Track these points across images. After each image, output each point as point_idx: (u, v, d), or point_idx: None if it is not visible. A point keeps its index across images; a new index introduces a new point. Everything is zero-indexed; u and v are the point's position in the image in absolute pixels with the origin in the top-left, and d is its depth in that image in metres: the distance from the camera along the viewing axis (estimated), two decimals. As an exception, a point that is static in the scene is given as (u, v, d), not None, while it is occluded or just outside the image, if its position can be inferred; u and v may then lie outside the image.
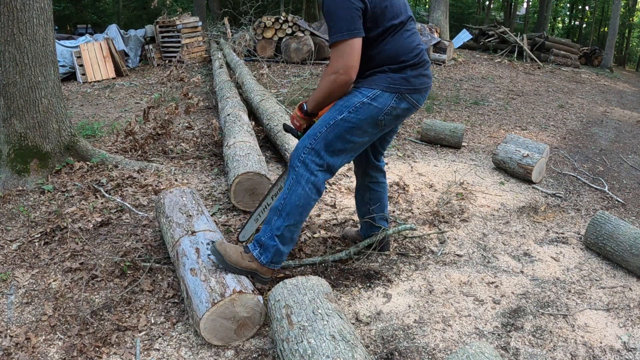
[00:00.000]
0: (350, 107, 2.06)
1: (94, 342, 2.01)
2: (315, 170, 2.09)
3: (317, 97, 2.10)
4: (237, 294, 1.92)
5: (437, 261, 2.77)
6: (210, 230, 2.42)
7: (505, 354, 2.04)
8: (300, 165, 2.09)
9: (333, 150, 2.10)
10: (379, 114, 2.07)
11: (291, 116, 2.31)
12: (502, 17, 31.19)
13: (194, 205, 2.66)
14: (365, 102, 2.05)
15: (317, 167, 2.09)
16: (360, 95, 2.07)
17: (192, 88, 7.61)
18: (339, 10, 1.92)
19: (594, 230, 2.92)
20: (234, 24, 13.43)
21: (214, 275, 2.03)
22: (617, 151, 5.56)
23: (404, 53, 2.06)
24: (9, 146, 3.52)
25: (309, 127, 2.29)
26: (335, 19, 1.93)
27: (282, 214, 2.10)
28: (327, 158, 2.10)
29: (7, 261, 2.62)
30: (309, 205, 2.13)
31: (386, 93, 2.06)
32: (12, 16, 3.31)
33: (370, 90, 2.06)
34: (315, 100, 2.13)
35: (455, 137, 5.00)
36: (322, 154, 2.09)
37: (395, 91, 2.06)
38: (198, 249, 2.22)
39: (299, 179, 2.08)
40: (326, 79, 2.01)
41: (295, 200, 2.08)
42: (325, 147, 2.08)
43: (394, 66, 2.06)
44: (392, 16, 2.05)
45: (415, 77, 2.09)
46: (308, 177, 2.08)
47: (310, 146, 2.09)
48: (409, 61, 2.07)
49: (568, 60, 13.91)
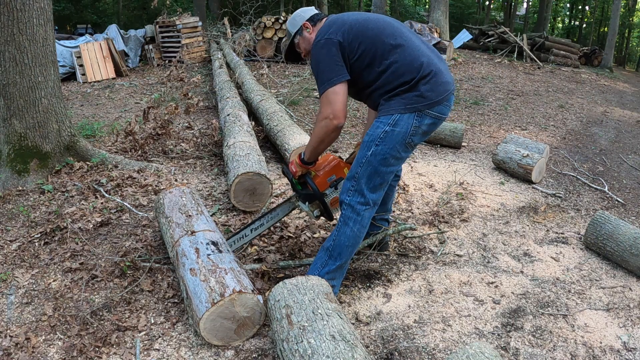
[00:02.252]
0: (375, 140, 2.10)
1: (94, 342, 2.01)
2: (362, 211, 2.18)
3: (312, 144, 2.18)
4: (237, 293, 1.92)
5: (437, 261, 2.77)
6: (210, 230, 2.42)
7: (505, 354, 2.04)
8: (347, 208, 2.19)
9: (374, 186, 2.17)
10: (405, 137, 2.10)
11: (290, 162, 2.38)
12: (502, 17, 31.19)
13: (194, 205, 2.66)
14: (388, 131, 2.08)
15: (362, 207, 2.17)
16: (382, 125, 2.09)
17: (192, 88, 7.60)
18: (321, 64, 2.07)
19: (594, 230, 2.92)
20: (234, 24, 13.42)
21: (213, 275, 2.03)
22: (617, 151, 5.57)
23: (408, 71, 2.07)
24: (9, 146, 3.52)
25: (304, 176, 2.37)
26: (319, 72, 2.08)
27: (333, 255, 2.22)
28: (370, 196, 2.18)
29: (7, 261, 2.62)
30: (358, 243, 2.25)
31: (405, 115, 2.08)
32: (12, 16, 3.31)
33: (390, 116, 2.09)
34: (310, 148, 2.21)
35: (455, 137, 5.00)
36: (365, 193, 2.16)
37: (414, 110, 2.07)
38: (198, 249, 2.22)
39: (346, 221, 2.19)
40: (318, 125, 2.10)
41: (344, 242, 2.20)
42: (365, 185, 2.15)
43: (404, 87, 2.08)
44: (383, 50, 2.08)
45: (431, 89, 2.07)
46: (355, 219, 2.17)
47: (353, 188, 2.17)
48: (415, 77, 2.06)
49: (568, 60, 13.91)
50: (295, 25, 2.28)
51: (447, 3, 13.40)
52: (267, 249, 2.79)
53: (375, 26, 2.12)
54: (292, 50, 2.40)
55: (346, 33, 2.08)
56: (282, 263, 2.60)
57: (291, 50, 2.40)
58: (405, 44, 2.10)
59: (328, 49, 2.06)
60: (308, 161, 2.29)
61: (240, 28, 11.91)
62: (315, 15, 2.28)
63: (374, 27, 2.11)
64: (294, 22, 2.29)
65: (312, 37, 2.24)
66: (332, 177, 2.41)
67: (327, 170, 2.41)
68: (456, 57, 12.04)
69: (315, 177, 2.39)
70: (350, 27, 2.10)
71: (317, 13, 2.30)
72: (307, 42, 2.27)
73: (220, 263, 2.12)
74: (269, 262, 2.60)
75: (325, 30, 2.11)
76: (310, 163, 2.31)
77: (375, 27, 2.11)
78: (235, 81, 7.04)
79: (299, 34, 2.28)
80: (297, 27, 2.27)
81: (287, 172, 2.42)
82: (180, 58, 10.13)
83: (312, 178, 2.38)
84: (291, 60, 2.50)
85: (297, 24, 2.27)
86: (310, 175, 2.38)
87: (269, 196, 3.27)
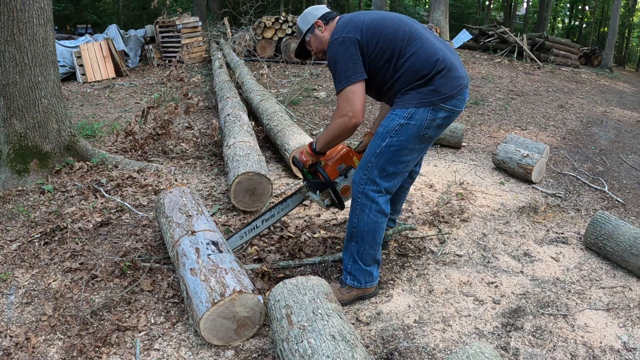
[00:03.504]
0: (390, 132, 2.13)
1: (94, 342, 2.01)
2: (376, 197, 2.19)
3: (327, 137, 2.20)
4: (237, 293, 1.92)
5: (437, 261, 2.77)
6: (210, 230, 2.42)
7: (505, 354, 2.04)
8: (361, 197, 2.19)
9: (387, 175, 2.18)
10: (419, 130, 2.12)
11: (301, 151, 2.41)
12: (502, 17, 31.19)
13: (194, 205, 2.66)
14: (403, 123, 2.11)
15: (376, 194, 2.19)
16: (397, 118, 2.12)
17: (192, 88, 7.60)
18: (339, 62, 2.08)
19: (594, 230, 2.92)
20: (234, 24, 13.43)
21: (213, 275, 2.03)
22: (617, 151, 5.56)
23: (424, 67, 2.10)
24: (9, 146, 3.52)
25: (314, 165, 2.39)
26: (336, 70, 2.10)
27: (356, 239, 2.24)
28: (383, 184, 2.19)
29: (7, 261, 2.62)
30: (380, 228, 2.24)
31: (420, 109, 2.10)
32: (12, 16, 3.31)
33: (405, 110, 2.11)
34: (324, 140, 2.23)
35: (455, 137, 5.00)
36: (378, 181, 2.18)
37: (429, 104, 2.10)
38: (198, 248, 2.22)
39: (363, 209, 2.20)
40: (336, 121, 2.11)
41: (364, 227, 2.21)
42: (378, 174, 2.17)
43: (419, 82, 2.11)
44: (400, 47, 2.11)
45: (445, 84, 2.11)
46: (370, 206, 2.19)
47: (366, 177, 2.18)
48: (431, 71, 2.10)
49: (568, 60, 13.91)
50: (307, 23, 2.28)
51: (447, 3, 13.41)
52: (267, 249, 2.79)
53: (392, 24, 2.14)
54: (302, 48, 2.39)
55: (364, 32, 2.10)
56: (282, 263, 2.60)
57: (301, 48, 2.40)
58: (421, 40, 2.14)
59: (346, 47, 2.08)
60: (320, 152, 2.31)
61: (240, 28, 11.91)
62: (328, 14, 2.29)
63: (390, 25, 2.14)
64: (305, 20, 2.29)
65: (324, 35, 2.25)
66: (341, 166, 2.45)
67: (336, 159, 2.44)
68: (456, 57, 12.02)
69: (325, 166, 2.42)
70: (367, 26, 2.12)
71: (329, 12, 2.31)
72: (319, 40, 2.27)
73: (221, 263, 2.12)
74: (269, 262, 2.61)
75: (343, 29, 2.12)
76: (321, 153, 2.33)
77: (392, 25, 2.14)
78: (235, 81, 7.04)
79: (311, 31, 2.28)
80: (309, 25, 2.28)
81: (297, 162, 2.44)
82: (180, 58, 10.13)
83: (322, 167, 2.40)
84: (301, 57, 2.49)
85: (309, 21, 2.28)
86: (321, 164, 2.41)
87: (269, 196, 3.27)
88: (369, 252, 2.26)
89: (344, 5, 25.09)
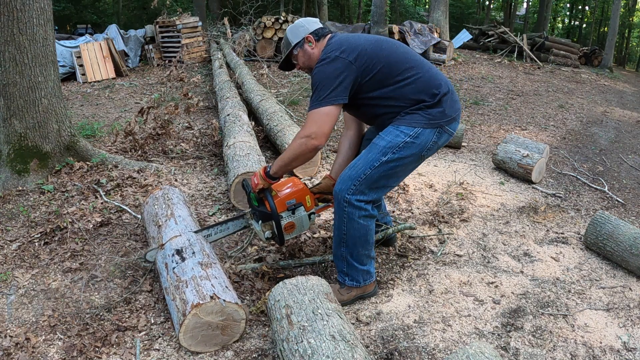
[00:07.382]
0: (394, 148, 2.10)
1: (93, 342, 2.01)
2: (363, 206, 2.16)
3: (284, 158, 2.10)
4: (196, 307, 1.86)
5: (437, 261, 2.77)
6: (176, 235, 2.33)
7: (505, 354, 2.04)
8: (347, 206, 2.14)
9: (377, 187, 2.17)
10: (422, 150, 2.13)
11: (254, 173, 2.29)
12: (502, 17, 31.16)
13: (164, 209, 2.61)
14: (408, 142, 2.10)
15: (363, 204, 2.15)
16: (403, 135, 2.10)
17: (192, 88, 7.61)
18: (324, 79, 2.02)
19: (594, 230, 2.92)
20: (234, 24, 13.41)
21: (177, 291, 1.99)
22: (617, 151, 5.57)
23: (429, 88, 2.11)
24: (9, 146, 3.52)
25: (264, 191, 2.24)
26: (319, 88, 2.02)
27: (347, 244, 2.21)
28: (371, 195, 2.17)
29: (7, 261, 2.62)
30: (370, 229, 2.22)
31: (427, 129, 2.11)
32: (12, 16, 3.31)
33: (412, 129, 2.10)
34: (281, 161, 2.12)
35: (455, 137, 5.00)
36: (367, 192, 2.15)
37: (437, 126, 2.12)
38: (167, 263, 2.18)
39: (351, 217, 2.16)
40: (297, 142, 2.03)
41: (354, 233, 2.18)
42: (369, 186, 2.14)
43: (428, 102, 2.11)
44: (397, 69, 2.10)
45: (450, 106, 2.15)
46: (359, 213, 2.15)
47: (355, 187, 2.13)
48: (439, 93, 2.11)
49: (568, 60, 13.91)
50: (297, 36, 2.19)
51: (447, 3, 13.40)
52: (267, 249, 2.79)
53: (388, 47, 2.15)
54: (287, 60, 2.29)
55: (361, 54, 2.06)
56: (282, 263, 2.60)
57: (286, 61, 2.30)
58: (423, 63, 2.17)
59: (336, 67, 2.02)
60: (274, 176, 2.18)
61: (240, 28, 11.90)
62: (320, 30, 2.20)
63: (387, 47, 2.14)
64: (296, 33, 2.19)
65: (313, 52, 2.17)
66: (292, 201, 2.29)
67: (289, 193, 2.29)
68: (456, 57, 12.04)
69: (275, 196, 2.27)
70: (364, 48, 2.08)
71: (322, 27, 2.22)
72: (307, 56, 2.19)
73: (183, 274, 2.06)
74: (269, 262, 2.61)
75: (337, 48, 2.07)
76: (275, 179, 2.21)
77: (388, 47, 2.15)
78: (235, 81, 7.04)
79: (300, 45, 2.20)
80: (299, 39, 2.19)
81: (246, 185, 2.31)
82: (180, 58, 10.13)
83: (272, 196, 2.26)
84: (285, 69, 2.41)
85: (300, 35, 2.19)
86: (271, 193, 2.26)
87: (269, 196, 3.27)
88: (362, 253, 2.24)
89: (344, 6, 25.08)
